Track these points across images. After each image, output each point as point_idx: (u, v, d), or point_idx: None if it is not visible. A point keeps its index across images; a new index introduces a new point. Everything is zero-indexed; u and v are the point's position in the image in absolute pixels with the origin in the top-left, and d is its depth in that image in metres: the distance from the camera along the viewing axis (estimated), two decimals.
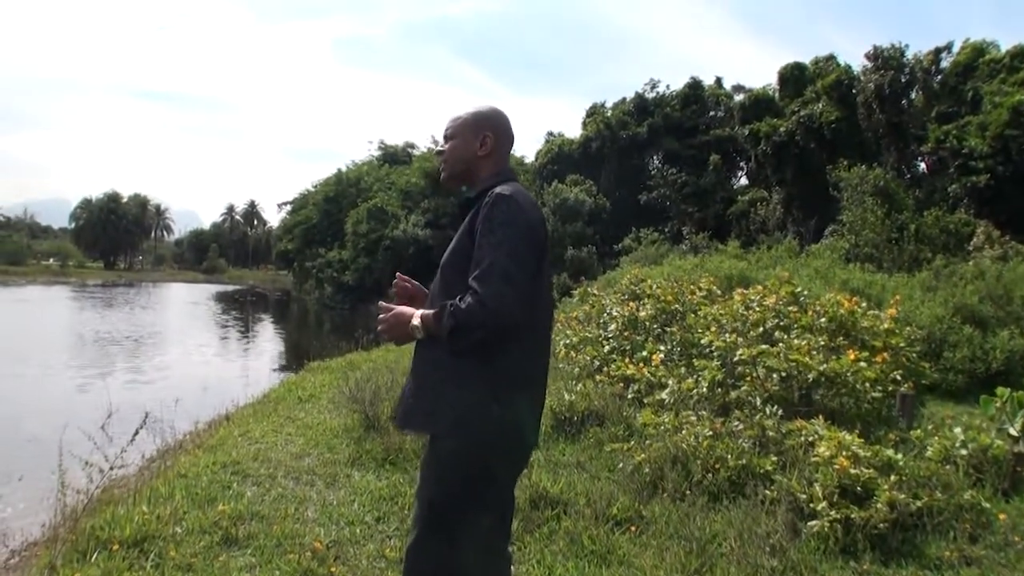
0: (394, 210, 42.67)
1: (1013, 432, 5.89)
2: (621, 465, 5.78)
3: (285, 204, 69.34)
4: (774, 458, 5.59)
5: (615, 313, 10.50)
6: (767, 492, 5.04)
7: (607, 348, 9.74)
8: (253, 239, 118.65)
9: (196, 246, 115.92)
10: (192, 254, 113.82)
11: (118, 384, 13.77)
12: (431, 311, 2.36)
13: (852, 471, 5.04)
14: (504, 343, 2.30)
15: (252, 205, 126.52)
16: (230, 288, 69.32)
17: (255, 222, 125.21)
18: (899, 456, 5.45)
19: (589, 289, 14.80)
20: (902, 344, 8.48)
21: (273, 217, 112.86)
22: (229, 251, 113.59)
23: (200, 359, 19.43)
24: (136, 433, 4.83)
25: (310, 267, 51.28)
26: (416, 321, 2.39)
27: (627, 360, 8.77)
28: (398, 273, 2.72)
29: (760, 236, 30.58)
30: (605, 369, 8.83)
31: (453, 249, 2.47)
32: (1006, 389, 6.14)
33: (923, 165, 33.35)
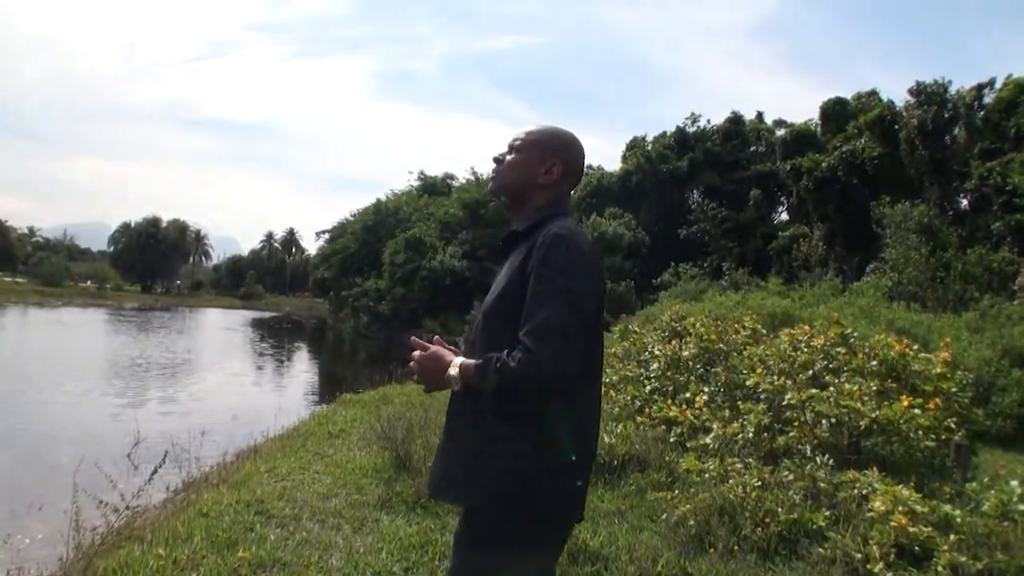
0: (432, 241, 42.68)
1: None
2: (665, 516, 5.48)
3: (323, 233, 69.80)
4: (827, 512, 5.27)
5: (656, 351, 10.19)
6: (820, 550, 4.76)
7: (648, 388, 9.43)
8: (291, 267, 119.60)
9: (234, 272, 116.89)
10: (230, 280, 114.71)
11: (149, 412, 13.70)
12: (472, 361, 2.06)
13: (910, 529, 4.80)
14: (556, 402, 2.04)
15: (291, 233, 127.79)
16: (266, 315, 69.64)
17: (293, 250, 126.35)
18: (956, 513, 5.21)
19: (629, 325, 14.49)
20: (954, 389, 8.15)
21: (311, 245, 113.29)
22: (267, 278, 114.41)
23: (233, 387, 19.37)
24: (154, 472, 4.66)
25: (346, 296, 51.38)
26: (454, 371, 2.09)
27: (669, 401, 8.47)
28: (412, 338, 2.34)
29: (801, 272, 30.11)
30: (646, 410, 8.53)
31: (500, 294, 2.15)
32: None
33: (965, 202, 32.85)
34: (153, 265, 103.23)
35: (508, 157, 2.35)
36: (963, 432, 7.48)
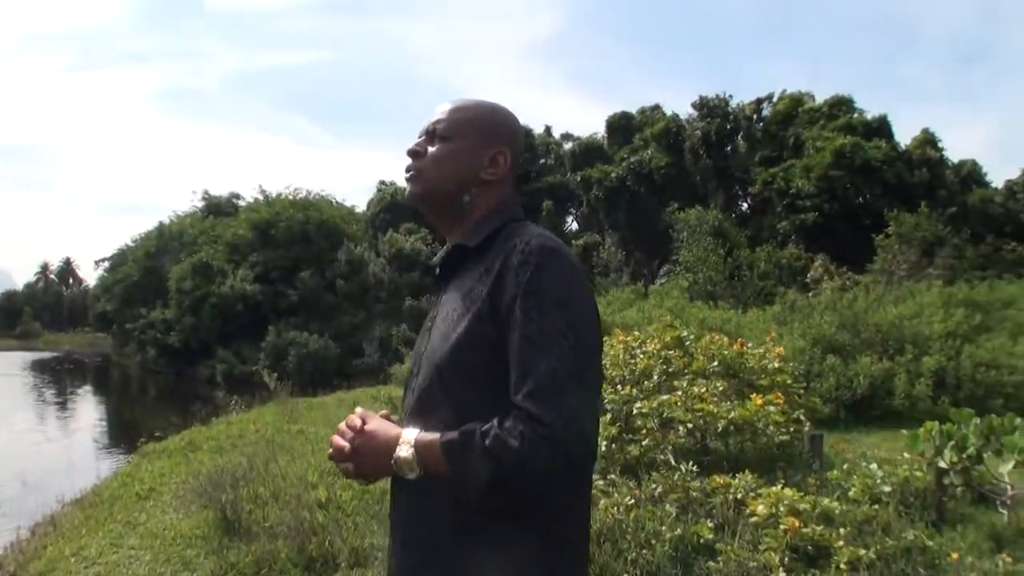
0: (220, 265, 40.37)
1: (943, 464, 5.72)
2: None
3: (103, 261, 64.75)
4: (710, 523, 5.00)
5: None
6: (713, 564, 4.49)
7: None
8: (69, 300, 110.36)
9: (8, 309, 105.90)
10: (4, 318, 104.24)
11: None
12: (435, 436, 1.41)
13: (803, 530, 4.66)
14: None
15: (67, 263, 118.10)
16: (47, 355, 63.12)
17: (71, 281, 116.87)
18: (835, 505, 5.18)
19: None
20: (789, 381, 8.33)
21: (90, 276, 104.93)
22: (44, 314, 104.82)
23: (18, 445, 17.04)
24: None
25: (131, 329, 47.82)
26: (405, 451, 1.43)
27: None
28: (348, 419, 1.57)
29: (598, 279, 31.03)
30: None
31: (460, 338, 1.48)
32: (934, 423, 5.93)
33: (745, 205, 35.31)
34: None
35: (432, 148, 1.67)
36: (810, 423, 7.62)
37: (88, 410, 26.19)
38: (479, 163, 1.64)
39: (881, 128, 32.09)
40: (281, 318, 35.02)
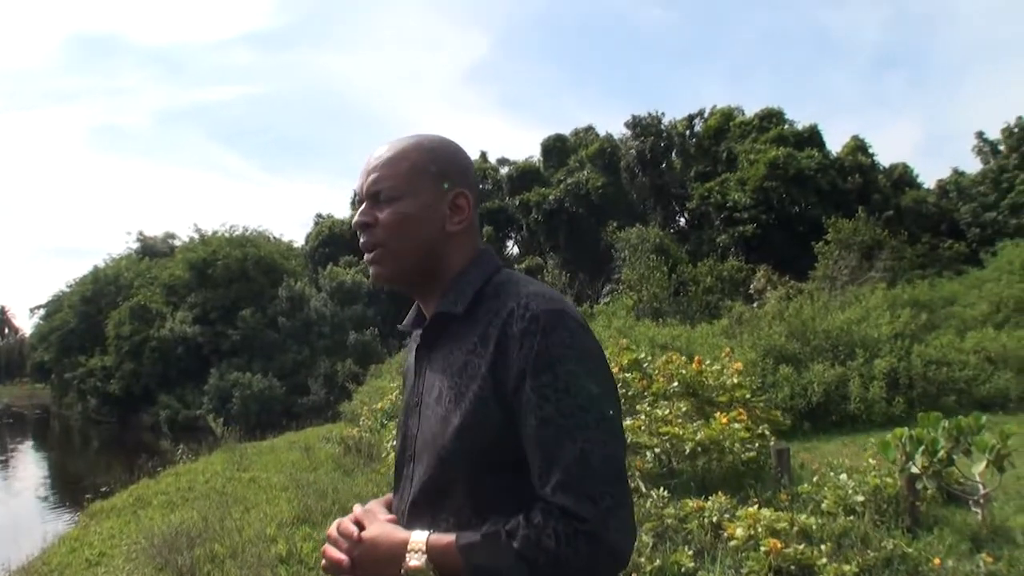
0: (158, 307, 39.44)
1: (915, 470, 5.71)
2: None
3: (38, 308, 62.76)
4: (688, 551, 4.89)
5: None
6: None
7: None
8: (5, 350, 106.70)
9: None
10: None
11: None
12: (449, 539, 1.24)
13: (786, 551, 4.61)
14: None
15: (2, 311, 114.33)
16: None
17: (6, 331, 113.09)
18: (812, 521, 5.16)
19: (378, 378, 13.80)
20: (748, 395, 8.32)
21: (26, 324, 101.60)
22: None
23: None
24: None
25: (70, 378, 46.28)
26: (418, 561, 1.24)
27: None
28: (339, 521, 1.42)
29: None
30: None
31: (464, 425, 1.29)
32: (903, 429, 5.92)
33: (683, 221, 35.81)
34: None
35: (381, 215, 1.44)
36: (775, 436, 7.58)
37: (30, 466, 25.23)
38: (441, 215, 1.42)
39: (812, 138, 32.92)
40: (223, 359, 34.29)
